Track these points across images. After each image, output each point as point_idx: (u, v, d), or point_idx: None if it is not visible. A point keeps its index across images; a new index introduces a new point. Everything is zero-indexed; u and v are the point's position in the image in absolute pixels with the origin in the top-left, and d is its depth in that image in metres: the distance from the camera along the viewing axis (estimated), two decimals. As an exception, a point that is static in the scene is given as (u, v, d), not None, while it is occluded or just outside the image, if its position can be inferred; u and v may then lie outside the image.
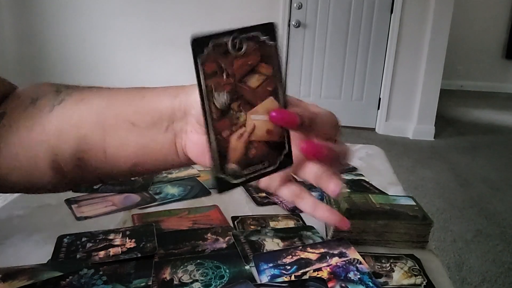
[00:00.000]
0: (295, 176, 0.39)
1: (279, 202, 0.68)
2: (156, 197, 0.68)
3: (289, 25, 3.91)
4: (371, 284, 0.46)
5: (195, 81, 0.31)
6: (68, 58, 4.30)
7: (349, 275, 0.47)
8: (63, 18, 4.20)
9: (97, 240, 0.53)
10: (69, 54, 4.29)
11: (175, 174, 0.78)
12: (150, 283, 0.45)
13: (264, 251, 0.53)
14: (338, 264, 0.49)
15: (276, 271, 0.48)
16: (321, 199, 0.69)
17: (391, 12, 3.73)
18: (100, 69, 4.26)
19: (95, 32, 4.20)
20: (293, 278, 0.47)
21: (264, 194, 0.71)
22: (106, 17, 4.17)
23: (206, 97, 0.31)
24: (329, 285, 0.46)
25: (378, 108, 3.99)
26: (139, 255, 0.50)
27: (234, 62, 0.31)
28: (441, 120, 4.14)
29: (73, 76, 4.31)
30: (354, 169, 0.86)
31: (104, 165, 0.40)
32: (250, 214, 0.64)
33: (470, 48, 6.19)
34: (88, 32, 4.21)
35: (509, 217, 2.37)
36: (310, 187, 0.40)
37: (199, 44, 0.30)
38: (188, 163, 0.40)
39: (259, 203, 0.68)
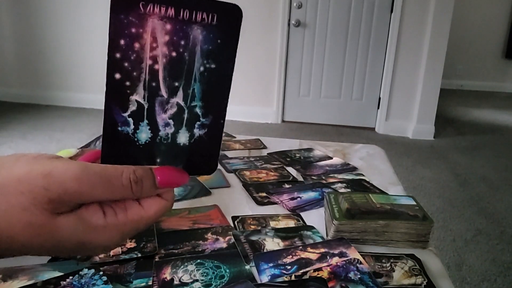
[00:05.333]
0: None
1: (280, 202, 0.68)
2: (156, 196, 0.68)
3: (289, 25, 3.91)
4: (371, 284, 0.46)
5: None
6: (68, 58, 4.30)
7: (350, 275, 0.47)
8: (63, 18, 4.20)
9: (97, 240, 0.53)
10: (69, 54, 4.29)
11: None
12: (151, 283, 0.45)
13: (265, 251, 0.53)
14: (338, 264, 0.49)
15: (276, 271, 0.48)
16: (321, 199, 0.69)
17: (391, 11, 3.73)
18: (100, 69, 4.26)
19: (96, 32, 4.19)
20: (293, 278, 0.47)
21: (264, 194, 0.71)
22: (107, 17, 4.17)
23: None
24: (330, 285, 0.46)
25: (378, 108, 3.99)
26: (139, 255, 0.50)
27: None
28: (441, 120, 4.14)
29: (73, 76, 4.31)
30: (354, 168, 0.86)
31: None
32: (250, 214, 0.63)
33: (470, 48, 6.19)
34: (88, 32, 4.20)
35: (509, 216, 2.37)
36: (311, 187, 0.40)
37: None
38: None
39: (259, 202, 0.68)
